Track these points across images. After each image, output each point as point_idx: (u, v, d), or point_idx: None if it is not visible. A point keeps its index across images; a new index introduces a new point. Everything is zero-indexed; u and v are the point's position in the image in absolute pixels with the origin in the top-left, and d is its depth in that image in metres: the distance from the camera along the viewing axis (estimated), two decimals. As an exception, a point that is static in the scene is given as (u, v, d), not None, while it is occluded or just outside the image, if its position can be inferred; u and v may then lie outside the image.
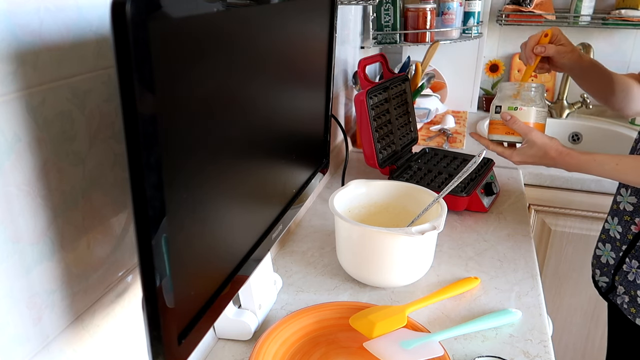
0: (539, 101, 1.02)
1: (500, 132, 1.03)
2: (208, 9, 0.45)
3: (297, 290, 0.90)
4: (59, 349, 0.49)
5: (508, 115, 1.00)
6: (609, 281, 1.05)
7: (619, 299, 1.01)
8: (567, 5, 1.84)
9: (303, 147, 0.82)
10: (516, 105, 1.01)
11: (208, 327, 0.53)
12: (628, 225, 0.99)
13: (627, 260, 0.98)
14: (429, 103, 1.75)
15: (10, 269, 0.43)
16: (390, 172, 1.27)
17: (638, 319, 0.97)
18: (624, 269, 0.99)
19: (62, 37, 0.46)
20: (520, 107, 1.01)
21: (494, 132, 1.05)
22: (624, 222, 1.00)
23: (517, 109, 1.01)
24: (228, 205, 0.55)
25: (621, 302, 1.00)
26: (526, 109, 1.01)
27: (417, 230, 0.81)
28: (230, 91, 0.52)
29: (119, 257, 0.57)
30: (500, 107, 1.03)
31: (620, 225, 1.01)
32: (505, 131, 1.02)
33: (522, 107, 1.01)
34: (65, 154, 0.47)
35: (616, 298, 1.02)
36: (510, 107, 1.01)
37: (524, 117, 1.00)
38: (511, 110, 1.01)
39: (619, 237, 1.01)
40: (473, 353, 0.75)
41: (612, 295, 1.04)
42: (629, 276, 0.98)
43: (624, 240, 0.99)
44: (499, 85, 1.07)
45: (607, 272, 1.05)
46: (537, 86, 1.03)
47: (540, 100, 1.02)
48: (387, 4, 1.63)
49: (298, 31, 0.70)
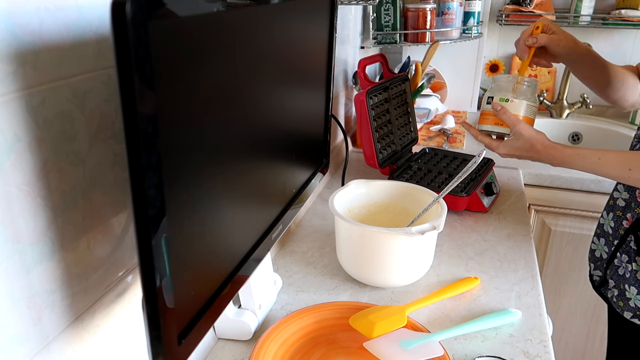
0: (531, 96, 1.03)
1: (490, 123, 1.05)
2: (208, 8, 0.45)
3: (297, 290, 0.90)
4: (59, 349, 0.49)
5: (499, 105, 1.01)
6: (602, 275, 1.05)
7: (610, 293, 1.02)
8: (567, 5, 1.84)
9: (303, 147, 0.82)
10: (507, 97, 1.02)
11: (208, 327, 0.53)
12: (620, 220, 1.00)
13: (618, 254, 0.99)
14: (429, 103, 1.75)
15: (10, 269, 0.43)
16: (390, 172, 1.27)
17: (626, 312, 0.97)
18: (615, 263, 1.00)
19: (62, 37, 0.46)
20: (511, 99, 1.02)
21: (483, 122, 1.06)
22: (617, 217, 1.01)
23: (509, 100, 1.02)
24: (228, 205, 0.55)
25: (611, 295, 1.01)
26: (517, 101, 1.02)
27: (417, 230, 0.81)
28: (230, 91, 0.52)
29: (119, 257, 0.57)
30: (492, 98, 1.04)
31: (613, 220, 1.02)
32: (495, 122, 1.04)
33: (514, 100, 1.02)
34: (65, 154, 0.47)
35: (607, 292, 1.03)
36: (501, 99, 1.02)
37: (514, 109, 1.01)
38: (502, 102, 1.02)
39: (611, 232, 1.02)
40: (473, 353, 0.75)
41: (604, 289, 1.05)
42: (619, 270, 0.99)
43: (616, 235, 1.00)
44: (494, 77, 1.09)
45: (600, 266, 1.06)
46: (530, 80, 1.04)
47: (532, 95, 1.03)
48: (387, 4, 1.63)
49: (298, 31, 0.70)
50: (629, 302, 0.96)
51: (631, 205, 0.97)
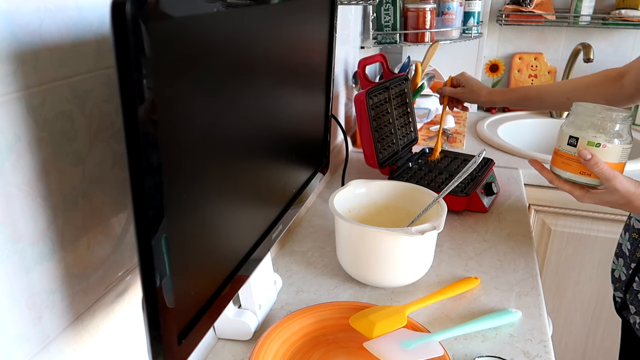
0: (626, 135, 0.82)
1: (572, 170, 0.85)
2: (208, 9, 0.45)
3: (297, 290, 0.90)
4: (59, 349, 0.49)
5: (588, 153, 0.81)
6: (622, 297, 1.01)
7: (632, 319, 0.97)
8: (567, 5, 1.84)
9: (303, 147, 0.82)
10: (599, 142, 0.81)
11: (208, 327, 0.53)
12: (636, 242, 0.95)
13: (636, 278, 0.95)
14: (429, 103, 1.75)
15: (10, 269, 0.43)
16: (390, 172, 1.27)
17: None
18: (634, 287, 0.96)
19: (62, 37, 0.46)
20: (604, 143, 0.81)
21: (562, 168, 0.86)
22: (633, 239, 0.97)
23: (600, 145, 0.81)
24: (228, 205, 0.55)
25: (634, 321, 0.97)
26: (611, 146, 0.81)
27: (417, 230, 0.81)
28: (230, 91, 0.52)
29: (119, 257, 0.57)
30: (576, 139, 0.83)
31: (630, 241, 0.98)
32: (580, 170, 0.84)
33: (606, 144, 0.81)
34: (65, 154, 0.47)
35: (629, 317, 0.99)
36: (590, 142, 0.82)
37: (606, 156, 0.81)
38: (591, 147, 0.82)
39: (628, 253, 0.98)
40: (473, 353, 0.75)
41: (626, 313, 1.01)
42: (639, 295, 0.94)
43: (633, 258, 0.96)
44: (574, 106, 0.87)
45: (619, 287, 1.02)
46: (625, 116, 0.82)
47: (627, 134, 0.83)
48: (387, 4, 1.63)
49: (298, 31, 0.70)
50: None
51: None
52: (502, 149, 1.58)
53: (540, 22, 1.83)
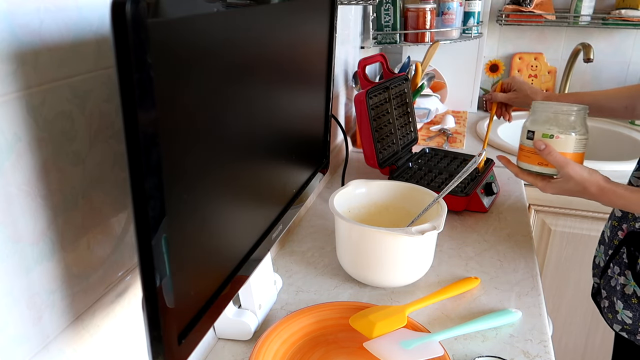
0: (580, 127, 0.89)
1: (532, 162, 0.91)
2: (208, 9, 0.45)
3: (297, 290, 0.90)
4: (59, 349, 0.49)
5: (542, 144, 0.88)
6: (598, 283, 1.03)
7: (602, 303, 1.00)
8: (567, 5, 1.84)
9: (303, 147, 0.82)
10: (552, 133, 0.88)
11: (208, 327, 0.53)
12: (615, 230, 0.97)
13: (611, 265, 0.97)
14: (429, 103, 1.75)
15: (10, 269, 0.43)
16: (390, 172, 1.27)
17: (615, 325, 0.96)
18: (608, 273, 0.98)
19: (62, 37, 0.46)
20: (557, 134, 0.87)
21: (524, 160, 0.92)
22: (612, 227, 0.98)
23: (553, 136, 0.87)
24: (228, 205, 0.55)
25: (603, 306, 0.99)
26: (564, 137, 0.87)
27: (417, 230, 0.81)
28: (230, 91, 0.52)
29: (119, 257, 0.57)
30: (532, 132, 0.90)
31: (609, 229, 1.00)
32: (538, 161, 0.90)
33: (559, 135, 0.87)
34: (65, 154, 0.47)
35: (601, 301, 1.01)
36: (545, 134, 0.88)
37: (560, 146, 0.87)
38: (546, 138, 0.88)
39: (607, 240, 1.00)
40: (473, 353, 0.75)
41: (599, 297, 1.03)
42: (611, 281, 0.96)
43: (611, 245, 0.98)
44: (533, 105, 0.93)
45: (597, 273, 1.04)
46: (579, 109, 0.89)
47: (581, 125, 0.89)
48: (387, 4, 1.63)
49: (298, 31, 0.70)
50: (617, 315, 0.95)
51: (627, 216, 0.95)
52: (502, 149, 1.58)
53: (540, 22, 1.83)
